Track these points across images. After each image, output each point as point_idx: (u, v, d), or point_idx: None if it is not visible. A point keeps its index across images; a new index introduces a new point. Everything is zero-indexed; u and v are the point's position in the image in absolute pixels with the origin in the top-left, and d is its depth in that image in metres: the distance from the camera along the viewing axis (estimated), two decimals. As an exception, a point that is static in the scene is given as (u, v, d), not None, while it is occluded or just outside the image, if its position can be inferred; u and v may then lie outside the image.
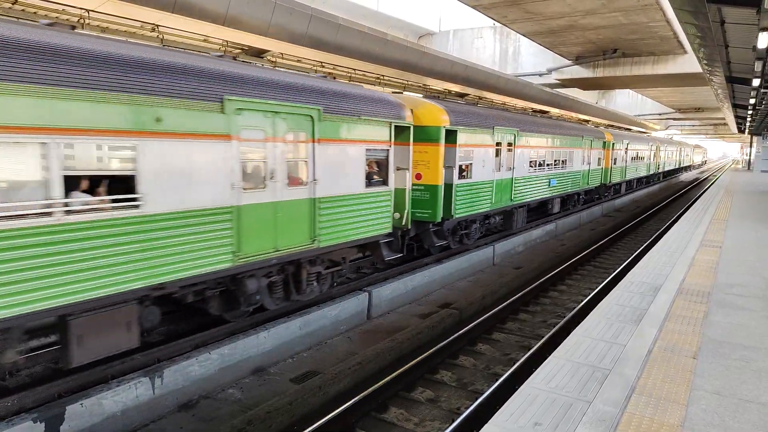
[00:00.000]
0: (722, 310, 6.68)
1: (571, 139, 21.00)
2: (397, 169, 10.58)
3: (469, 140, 13.23)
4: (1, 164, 4.95)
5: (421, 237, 12.78)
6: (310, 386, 6.81)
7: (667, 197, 34.74)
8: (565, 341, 5.60)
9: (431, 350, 8.08)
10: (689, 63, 27.08)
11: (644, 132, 51.88)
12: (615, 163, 27.67)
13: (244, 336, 7.46)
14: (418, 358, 7.76)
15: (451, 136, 12.39)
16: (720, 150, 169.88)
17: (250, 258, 7.38)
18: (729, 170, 60.00)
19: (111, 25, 10.95)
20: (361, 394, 6.62)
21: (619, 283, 7.90)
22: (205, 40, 12.87)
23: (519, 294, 11.25)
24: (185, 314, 8.47)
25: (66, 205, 5.41)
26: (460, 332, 8.91)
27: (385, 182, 10.16)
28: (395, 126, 10.22)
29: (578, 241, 18.31)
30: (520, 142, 16.23)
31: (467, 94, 24.34)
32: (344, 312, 9.23)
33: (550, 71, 31.28)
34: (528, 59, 32.68)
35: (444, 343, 8.41)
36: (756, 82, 16.75)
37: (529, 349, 8.44)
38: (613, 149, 26.93)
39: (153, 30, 11.44)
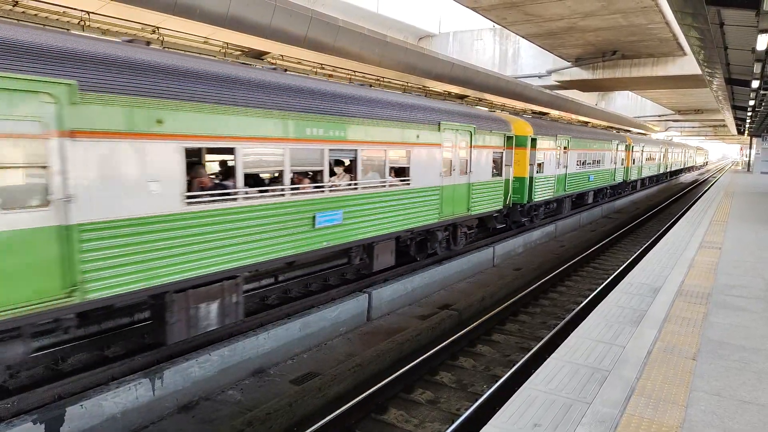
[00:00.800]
0: (722, 312, 6.68)
1: (604, 143, 25.88)
2: (505, 165, 15.18)
3: (543, 145, 18.01)
4: (375, 162, 10.02)
5: (510, 214, 17.08)
6: (309, 387, 6.81)
7: (667, 199, 34.75)
8: (564, 342, 5.60)
9: (431, 351, 8.08)
10: (689, 65, 27.10)
11: (643, 133, 51.97)
12: (634, 163, 32.41)
13: (244, 337, 7.47)
14: (418, 360, 7.76)
15: (533, 142, 17.15)
16: (720, 151, 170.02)
17: (443, 218, 12.30)
18: (729, 171, 60.06)
19: (112, 27, 10.97)
20: (361, 396, 6.62)
21: (619, 285, 7.90)
22: (205, 42, 12.90)
23: (519, 295, 11.25)
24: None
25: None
26: (460, 333, 8.91)
27: (500, 174, 14.92)
28: (506, 136, 15.05)
29: (578, 242, 18.32)
30: (572, 146, 20.82)
31: (467, 96, 24.37)
32: (344, 313, 9.23)
33: (549, 73, 31.30)
34: (527, 61, 32.71)
35: (444, 344, 8.41)
36: (755, 84, 16.78)
37: (529, 351, 8.44)
38: (632, 151, 31.38)
39: (153, 32, 11.47)
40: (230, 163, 7.65)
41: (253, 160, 7.52)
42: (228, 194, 7.15)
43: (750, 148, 54.84)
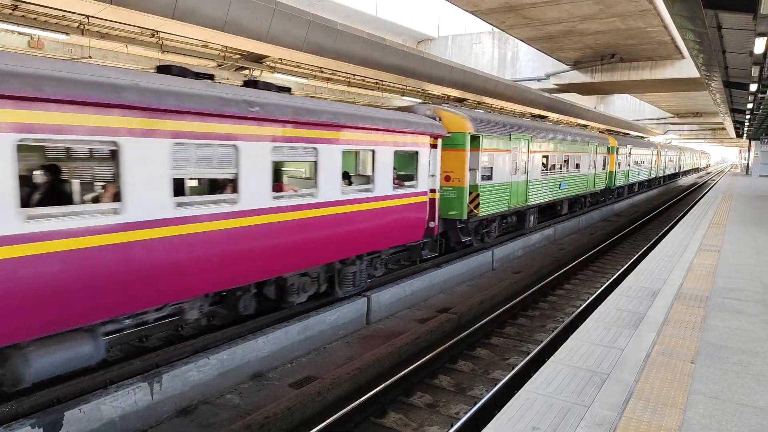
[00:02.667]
0: (720, 315, 6.69)
1: (646, 149, 38.08)
2: (606, 163, 27.10)
3: (621, 151, 29.73)
4: (571, 159, 21.74)
5: (603, 194, 28.01)
6: (308, 391, 6.81)
7: (666, 201, 34.77)
8: (563, 345, 5.60)
9: (430, 355, 8.08)
10: (687, 68, 27.17)
11: (642, 136, 52.10)
12: (660, 163, 44.06)
13: (242, 341, 7.46)
14: (417, 363, 7.76)
15: (617, 149, 28.42)
16: (719, 154, 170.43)
17: (587, 190, 24.22)
18: (728, 174, 60.19)
19: (111, 31, 11.00)
20: (360, 399, 6.62)
21: (618, 288, 7.91)
22: (204, 46, 12.92)
23: (518, 299, 11.25)
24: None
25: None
26: (459, 337, 8.91)
27: (604, 168, 26.44)
28: (607, 146, 26.56)
29: (577, 245, 18.32)
30: (633, 152, 32.96)
31: (466, 99, 24.39)
32: (343, 317, 9.23)
33: (548, 76, 31.36)
34: (526, 64, 32.77)
35: (443, 347, 8.41)
36: (753, 87, 16.83)
37: (528, 354, 8.44)
38: (659, 155, 43.01)
39: (153, 36, 11.49)
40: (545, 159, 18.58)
41: (549, 158, 19.05)
42: (546, 172, 18.49)
43: (749, 151, 54.92)
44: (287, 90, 8.53)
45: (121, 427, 5.90)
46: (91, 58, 11.47)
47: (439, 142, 11.91)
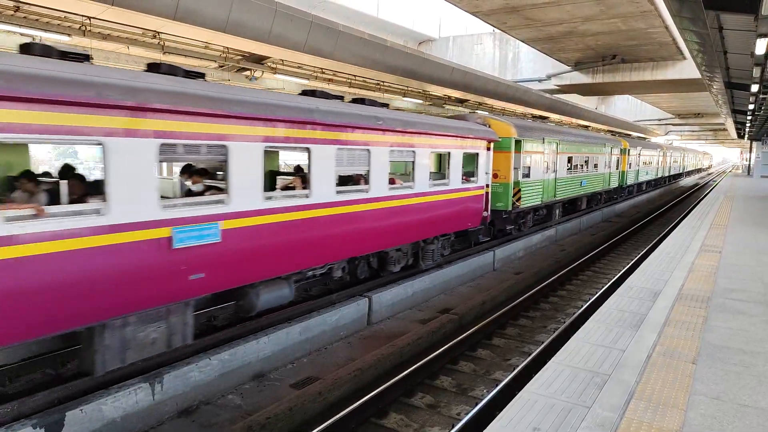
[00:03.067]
0: (722, 315, 6.68)
1: (654, 151, 41.29)
2: (619, 164, 30.22)
3: (632, 152, 32.51)
4: (591, 160, 24.74)
5: (616, 191, 30.22)
6: (309, 392, 6.81)
7: (668, 202, 34.74)
8: (564, 346, 5.60)
9: (431, 356, 8.08)
10: (688, 69, 27.15)
11: (644, 137, 52.08)
12: (666, 164, 47.80)
13: (244, 341, 7.47)
14: (418, 364, 7.75)
15: (628, 151, 31.05)
16: (720, 155, 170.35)
17: (603, 188, 26.47)
18: (729, 175, 60.20)
19: (113, 33, 11.02)
20: (361, 400, 6.62)
21: (619, 289, 7.91)
22: (206, 47, 12.94)
23: (519, 299, 11.25)
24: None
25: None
26: (460, 338, 8.91)
27: (618, 168, 29.37)
28: (620, 148, 29.41)
29: (578, 246, 18.31)
30: (643, 153, 36.34)
31: (467, 100, 24.40)
32: (344, 318, 9.23)
33: (549, 77, 31.34)
34: (527, 65, 32.75)
35: (444, 348, 8.41)
36: (755, 88, 16.81)
37: (529, 355, 8.44)
38: (665, 156, 46.74)
39: (154, 37, 11.51)
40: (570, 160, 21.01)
41: (573, 159, 21.15)
42: (570, 171, 20.89)
43: (750, 151, 54.86)
44: (386, 105, 10.73)
45: (122, 428, 5.90)
46: (92, 59, 11.48)
47: (492, 145, 14.04)
